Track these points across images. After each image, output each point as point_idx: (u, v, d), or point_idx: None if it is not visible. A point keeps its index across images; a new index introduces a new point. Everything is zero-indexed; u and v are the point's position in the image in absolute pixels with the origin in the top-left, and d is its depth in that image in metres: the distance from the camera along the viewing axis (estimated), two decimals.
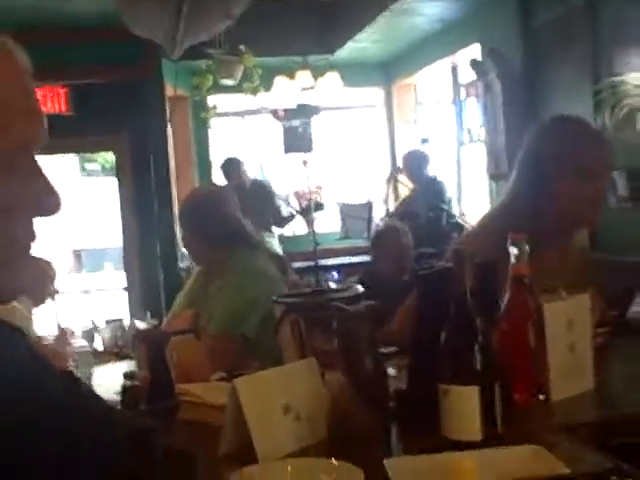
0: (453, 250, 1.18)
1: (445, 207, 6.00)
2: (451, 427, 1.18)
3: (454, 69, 7.24)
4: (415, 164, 6.50)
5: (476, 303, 1.18)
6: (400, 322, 1.95)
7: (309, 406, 1.33)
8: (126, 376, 1.86)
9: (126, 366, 2.20)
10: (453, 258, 1.17)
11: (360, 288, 1.64)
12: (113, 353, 2.60)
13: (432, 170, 6.53)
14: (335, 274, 7.16)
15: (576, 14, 4.81)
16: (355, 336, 1.20)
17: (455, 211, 6.50)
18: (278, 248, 6.63)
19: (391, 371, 1.61)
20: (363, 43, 7.16)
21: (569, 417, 1.39)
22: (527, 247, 1.37)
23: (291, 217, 6.93)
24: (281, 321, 1.67)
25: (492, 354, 1.18)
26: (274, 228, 6.73)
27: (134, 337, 2.16)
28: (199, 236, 2.55)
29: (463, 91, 7.14)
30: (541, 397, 1.42)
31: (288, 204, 7.95)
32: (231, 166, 6.77)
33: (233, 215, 2.60)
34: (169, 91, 6.99)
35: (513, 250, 1.37)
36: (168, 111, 7.16)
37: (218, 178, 6.93)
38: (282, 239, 6.90)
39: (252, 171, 7.02)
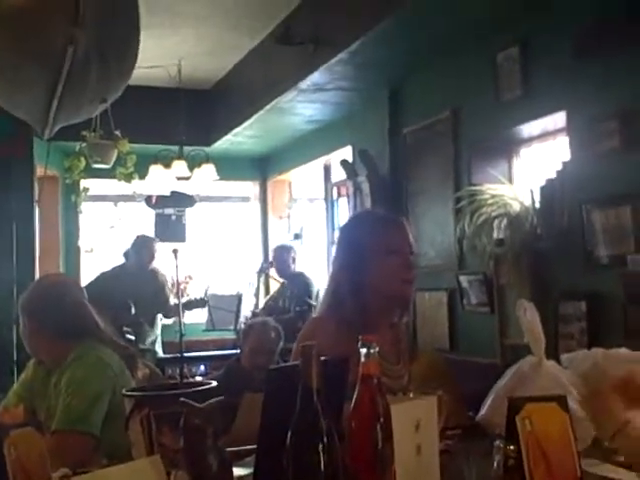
0: (301, 346, 1.18)
1: (312, 302, 6.07)
2: None
3: (327, 168, 7.46)
4: (282, 258, 6.58)
5: (323, 402, 1.18)
6: None
7: None
8: None
9: None
10: (301, 354, 1.17)
11: (213, 383, 1.61)
12: None
13: (301, 265, 6.61)
14: (202, 367, 7.03)
15: (440, 124, 5.10)
16: (199, 433, 1.17)
17: None
18: (158, 340, 6.45)
19: (241, 471, 1.57)
20: (240, 138, 7.30)
21: None
22: (377, 347, 1.39)
23: (177, 308, 6.76)
24: (131, 416, 1.61)
25: (337, 455, 1.17)
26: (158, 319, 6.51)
27: None
28: (39, 329, 2.42)
29: (335, 190, 7.34)
30: None
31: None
32: (146, 245, 6.42)
33: (77, 307, 2.47)
34: (39, 171, 6.82)
35: (362, 350, 1.39)
36: (37, 192, 6.96)
37: (124, 256, 6.62)
38: None
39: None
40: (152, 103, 6.98)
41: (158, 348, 6.45)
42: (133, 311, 5.85)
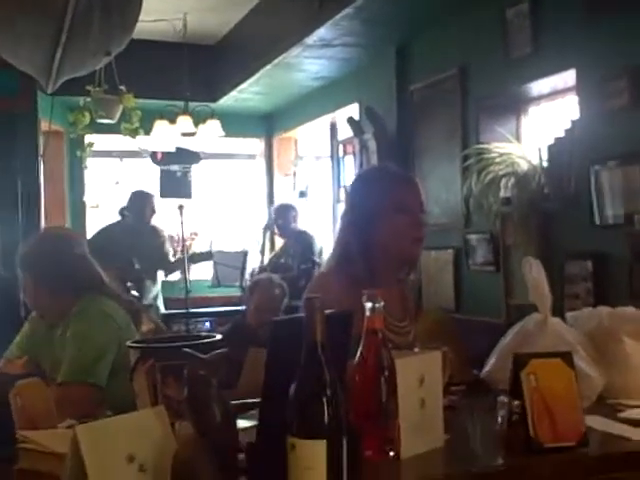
0: (305, 299, 1.18)
1: (317, 260, 6.07)
2: None
3: (333, 126, 7.40)
4: (282, 217, 6.56)
5: (327, 354, 1.18)
6: None
7: (155, 456, 1.28)
8: None
9: None
10: (304, 307, 1.17)
11: (218, 336, 1.61)
12: None
13: (307, 223, 6.59)
14: (207, 324, 7.06)
15: (448, 82, 5.04)
16: (203, 384, 1.17)
17: None
18: (159, 296, 6.45)
19: (245, 423, 1.58)
20: (245, 94, 7.24)
21: (418, 474, 1.40)
22: (382, 302, 1.39)
23: (179, 264, 6.77)
24: (135, 367, 1.62)
25: (341, 407, 1.17)
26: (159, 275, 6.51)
27: None
28: (41, 282, 2.38)
29: (341, 148, 7.30)
30: (391, 453, 1.43)
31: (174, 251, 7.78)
32: (145, 200, 6.37)
33: (79, 261, 2.44)
34: (44, 125, 6.78)
35: (367, 304, 1.39)
36: (41, 146, 6.93)
37: (119, 213, 6.59)
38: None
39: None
40: (157, 58, 6.90)
41: (160, 304, 6.45)
42: (137, 266, 5.85)
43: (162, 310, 6.42)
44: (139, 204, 6.31)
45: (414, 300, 2.44)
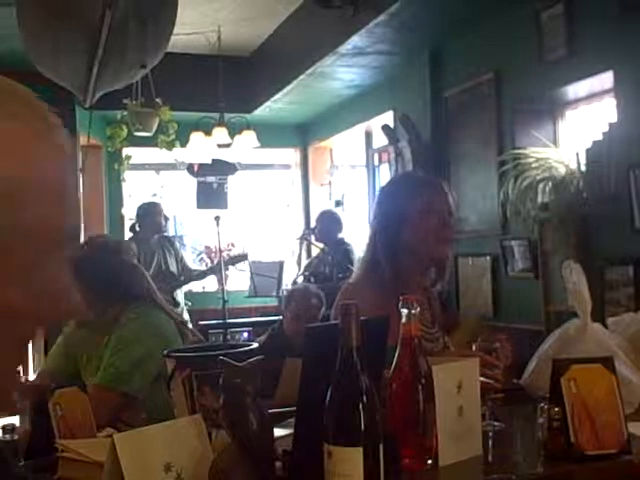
0: (340, 305, 1.17)
1: (354, 269, 6.03)
2: None
3: (368, 134, 7.39)
4: (324, 224, 6.54)
5: (363, 361, 1.17)
6: None
7: (192, 466, 1.28)
8: (5, 430, 1.76)
9: (10, 419, 2.09)
10: (340, 313, 1.16)
11: (254, 345, 1.61)
12: None
13: (343, 232, 6.58)
14: (245, 334, 7.08)
15: (483, 87, 5.01)
16: (238, 391, 1.17)
17: None
18: (184, 309, 6.46)
19: (281, 431, 1.58)
20: (280, 104, 7.27)
21: None
22: (418, 308, 1.38)
23: (202, 274, 6.79)
24: (172, 377, 1.62)
25: (377, 414, 1.16)
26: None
27: (17, 389, 2.05)
28: (86, 290, 2.30)
29: (377, 156, 7.28)
30: (429, 461, 1.42)
31: (201, 260, 7.85)
32: (157, 210, 6.32)
33: (130, 269, 2.44)
34: (82, 139, 6.88)
35: (404, 311, 1.38)
36: (80, 160, 7.03)
37: (130, 230, 6.64)
38: (190, 296, 6.77)
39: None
40: (192, 70, 6.97)
41: (186, 316, 6.43)
42: (179, 277, 5.88)
43: (189, 323, 6.38)
44: (151, 216, 6.29)
45: (448, 309, 2.43)
